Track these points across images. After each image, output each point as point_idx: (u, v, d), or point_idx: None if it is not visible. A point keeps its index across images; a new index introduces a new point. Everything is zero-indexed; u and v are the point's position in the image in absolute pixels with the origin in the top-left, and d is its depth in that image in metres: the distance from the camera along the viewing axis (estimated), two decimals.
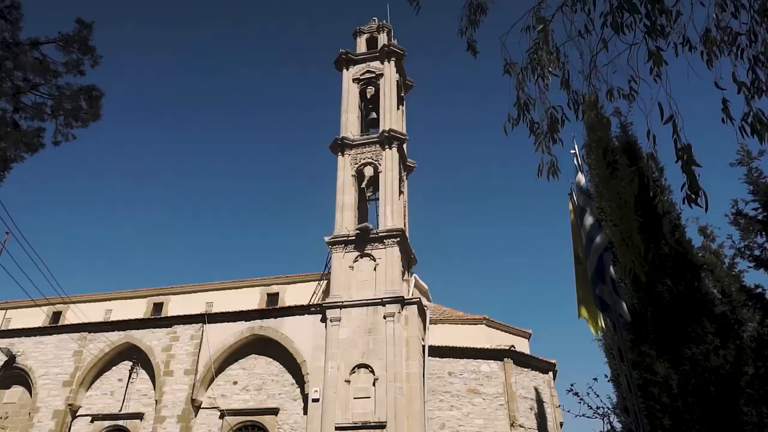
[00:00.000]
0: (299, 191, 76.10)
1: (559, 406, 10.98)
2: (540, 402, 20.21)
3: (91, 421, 19.95)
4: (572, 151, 8.88)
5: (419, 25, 72.33)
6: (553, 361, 21.60)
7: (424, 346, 18.83)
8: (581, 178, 8.46)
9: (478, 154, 77.00)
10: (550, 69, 5.50)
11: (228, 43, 79.02)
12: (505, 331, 22.18)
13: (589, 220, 8.03)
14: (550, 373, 21.54)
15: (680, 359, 7.11)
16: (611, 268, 7.70)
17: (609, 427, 12.51)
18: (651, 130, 4.15)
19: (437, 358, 19.16)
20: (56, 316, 24.07)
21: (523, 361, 20.29)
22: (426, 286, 22.34)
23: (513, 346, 20.21)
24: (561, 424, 20.83)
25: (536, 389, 20.39)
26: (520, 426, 18.53)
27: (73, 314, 22.32)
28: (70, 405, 20.13)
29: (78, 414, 20.27)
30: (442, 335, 20.71)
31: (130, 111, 72.94)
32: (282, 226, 77.36)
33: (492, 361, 19.49)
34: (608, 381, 12.52)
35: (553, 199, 73.47)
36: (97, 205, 74.32)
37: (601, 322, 9.25)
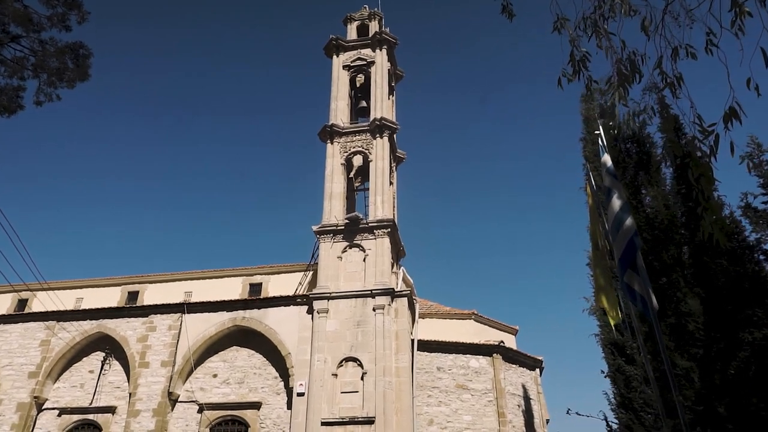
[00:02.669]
0: (283, 182, 75.32)
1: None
2: (527, 399, 19.93)
3: (59, 415, 18.82)
4: (596, 132, 8.48)
5: (406, 16, 71.97)
6: (540, 358, 21.37)
7: (413, 340, 18.32)
8: (607, 159, 8.05)
9: (467, 151, 77.14)
10: (605, 27, 5.09)
11: (214, 34, 77.27)
12: (494, 327, 21.85)
13: (617, 202, 7.61)
14: (537, 370, 21.31)
15: (738, 344, 6.75)
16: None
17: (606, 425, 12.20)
18: (752, 79, 3.69)
19: (426, 353, 18.68)
20: (22, 303, 22.74)
21: (511, 357, 19.98)
22: (411, 280, 21.84)
23: (502, 341, 19.87)
24: (547, 421, 20.62)
25: (524, 386, 20.11)
26: (509, 423, 18.19)
27: (41, 302, 21.08)
28: (35, 398, 18.97)
29: (44, 407, 19.11)
30: (430, 330, 20.24)
31: (107, 99, 70.62)
32: (264, 216, 76.31)
33: (481, 356, 19.11)
34: (605, 377, 12.21)
35: (541, 197, 74.16)
36: (68, 190, 71.85)
37: (619, 313, 8.90)
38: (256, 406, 17.59)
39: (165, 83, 75.24)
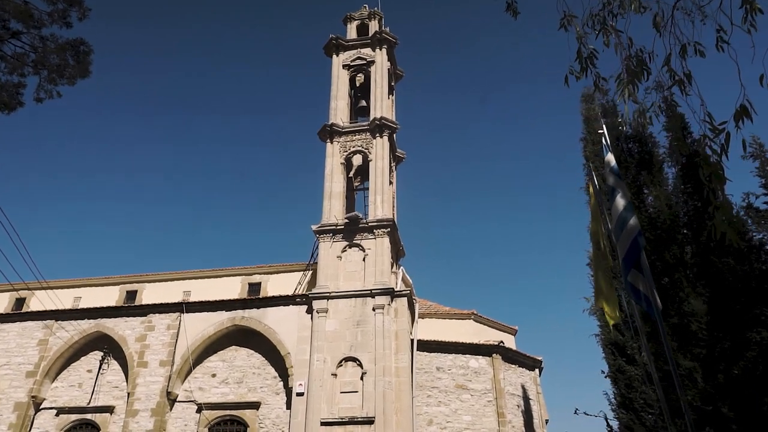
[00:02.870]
0: (282, 182, 75.32)
1: None
2: (527, 399, 19.90)
3: (56, 415, 18.73)
4: (600, 131, 8.45)
5: (406, 16, 71.98)
6: (539, 358, 21.34)
7: (412, 340, 18.27)
8: (611, 158, 8.02)
9: (467, 151, 77.16)
10: (613, 24, 5.06)
11: (214, 34, 77.13)
12: (493, 327, 21.82)
13: (621, 201, 7.58)
14: (537, 370, 21.27)
15: (746, 344, 6.72)
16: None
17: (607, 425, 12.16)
18: (765, 75, 3.65)
19: (425, 353, 18.63)
20: (20, 302, 22.64)
21: (510, 357, 19.95)
22: (411, 280, 21.80)
23: (502, 341, 19.83)
24: (547, 422, 20.59)
25: (523, 386, 20.08)
26: (509, 423, 18.15)
27: (39, 301, 20.97)
28: (33, 397, 18.86)
29: (42, 407, 19.01)
30: (430, 330, 20.19)
31: (107, 98, 70.46)
32: (264, 216, 76.26)
33: (480, 356, 19.07)
34: (605, 377, 12.17)
35: (541, 197, 74.25)
36: (67, 189, 71.66)
37: (617, 312, 8.85)
38: (255, 405, 17.52)
39: (165, 83, 75.22)
